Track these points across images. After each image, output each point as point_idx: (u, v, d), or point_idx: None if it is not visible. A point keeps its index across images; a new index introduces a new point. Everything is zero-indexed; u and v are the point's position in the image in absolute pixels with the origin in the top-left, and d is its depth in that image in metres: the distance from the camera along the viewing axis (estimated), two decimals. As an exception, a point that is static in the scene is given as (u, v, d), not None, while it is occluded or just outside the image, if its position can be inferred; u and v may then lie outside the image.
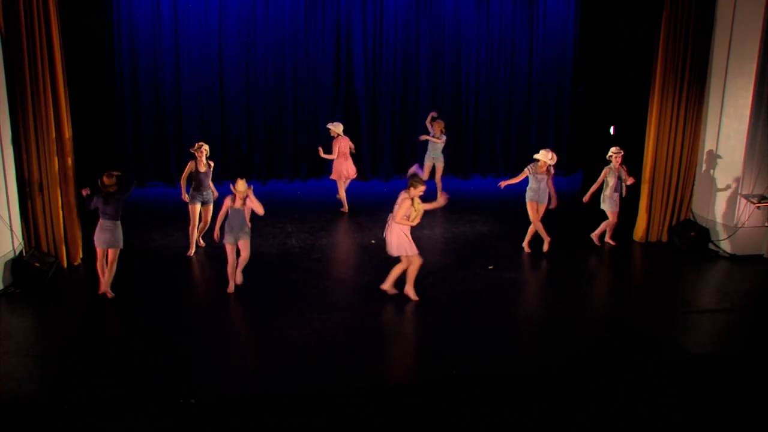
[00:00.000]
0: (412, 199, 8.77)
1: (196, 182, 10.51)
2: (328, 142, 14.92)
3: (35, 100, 9.61)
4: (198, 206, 10.54)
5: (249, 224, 9.29)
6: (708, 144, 11.56)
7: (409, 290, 9.20)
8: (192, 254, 10.63)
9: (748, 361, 8.11)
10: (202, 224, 10.80)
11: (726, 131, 11.24)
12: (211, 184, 10.68)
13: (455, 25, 15.05)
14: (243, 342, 8.41)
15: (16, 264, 9.54)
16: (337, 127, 12.81)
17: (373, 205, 13.47)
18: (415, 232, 11.97)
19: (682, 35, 11.15)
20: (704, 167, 11.64)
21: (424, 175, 13.12)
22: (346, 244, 11.21)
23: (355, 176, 13.17)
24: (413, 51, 14.99)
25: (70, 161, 10.10)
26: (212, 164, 10.68)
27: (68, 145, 10.06)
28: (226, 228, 9.17)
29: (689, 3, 11.05)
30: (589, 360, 7.99)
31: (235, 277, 9.38)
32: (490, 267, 10.14)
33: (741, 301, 9.67)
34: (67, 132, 10.05)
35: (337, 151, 12.81)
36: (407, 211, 8.79)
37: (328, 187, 14.75)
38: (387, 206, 12.14)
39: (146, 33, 13.73)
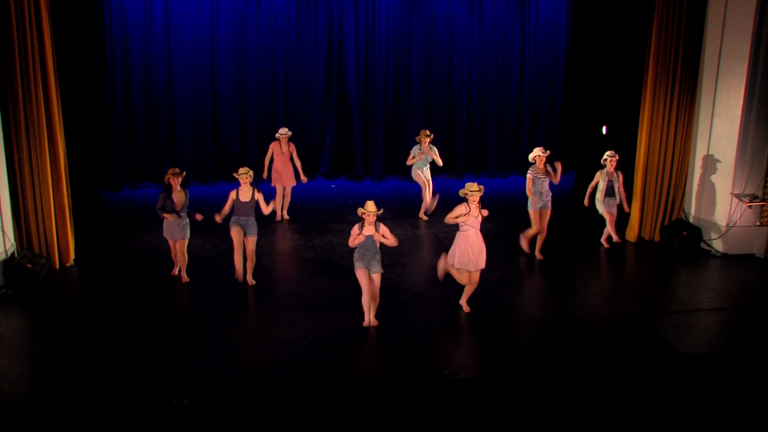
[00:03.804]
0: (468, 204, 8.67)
1: (237, 210, 9.46)
2: (320, 141, 15.01)
3: (26, 101, 9.57)
4: (239, 229, 9.42)
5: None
6: (700, 144, 11.60)
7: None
8: (242, 279, 9.70)
9: (741, 360, 8.15)
10: (248, 261, 9.65)
11: (718, 131, 11.29)
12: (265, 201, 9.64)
13: (448, 26, 15.06)
14: (241, 342, 8.38)
15: (7, 265, 9.49)
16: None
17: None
18: (410, 232, 12.03)
19: (673, 35, 11.19)
20: (696, 167, 11.69)
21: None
22: (339, 244, 11.19)
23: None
24: (406, 51, 14.99)
25: (62, 162, 10.06)
26: (258, 192, 9.55)
27: (60, 146, 10.01)
28: (356, 255, 8.53)
29: (680, 3, 11.10)
30: (583, 360, 8.01)
31: (370, 319, 8.65)
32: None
33: (733, 301, 9.70)
34: (59, 133, 10.01)
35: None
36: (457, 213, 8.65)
37: (321, 188, 14.76)
38: (378, 206, 12.12)
39: (138, 34, 13.69)
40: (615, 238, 11.22)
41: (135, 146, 14.15)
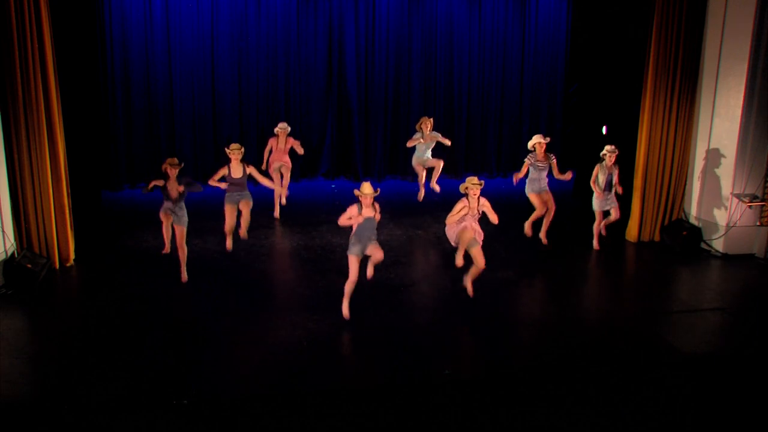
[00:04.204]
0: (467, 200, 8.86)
1: (230, 187, 9.92)
2: (320, 141, 15.01)
3: (26, 101, 9.56)
4: (234, 208, 9.86)
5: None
6: (700, 144, 11.61)
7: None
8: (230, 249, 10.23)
9: (741, 360, 8.15)
10: (243, 222, 10.18)
11: (718, 131, 11.29)
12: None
13: (448, 26, 15.06)
14: (241, 342, 8.38)
15: (7, 265, 9.48)
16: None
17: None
18: (410, 232, 12.04)
19: (673, 35, 11.19)
20: (696, 167, 11.69)
21: (421, 178, 12.90)
22: (339, 244, 11.19)
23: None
24: (405, 51, 14.99)
25: (62, 162, 10.06)
26: (249, 167, 9.83)
27: (60, 146, 10.01)
28: (353, 238, 8.46)
29: (680, 3, 11.09)
30: (583, 360, 8.01)
31: (368, 272, 8.94)
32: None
33: (733, 301, 9.71)
34: (59, 132, 10.01)
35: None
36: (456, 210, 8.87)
37: (321, 188, 14.76)
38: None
39: (138, 34, 13.69)
40: (595, 244, 11.28)
41: (135, 146, 14.15)
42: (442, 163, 12.77)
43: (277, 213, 12.58)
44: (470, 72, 15.34)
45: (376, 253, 8.56)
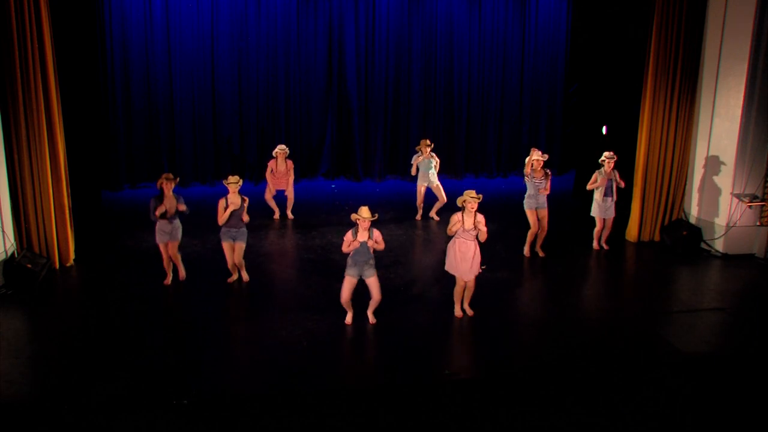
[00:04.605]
0: (463, 214, 8.65)
1: (228, 219, 9.41)
2: (320, 141, 15.01)
3: (26, 101, 9.56)
4: (231, 243, 9.49)
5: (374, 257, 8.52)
6: (700, 144, 11.60)
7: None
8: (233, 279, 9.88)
9: (741, 360, 8.14)
10: (238, 266, 9.74)
11: (717, 131, 11.29)
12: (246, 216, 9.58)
13: (448, 26, 15.06)
14: (241, 342, 8.39)
15: (7, 265, 9.48)
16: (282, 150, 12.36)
17: (364, 205, 13.43)
18: (410, 232, 12.04)
19: (673, 35, 11.19)
20: (696, 167, 11.68)
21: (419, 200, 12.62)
22: (339, 244, 11.18)
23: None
24: (406, 51, 14.99)
25: (62, 162, 10.06)
26: (247, 200, 9.51)
27: (60, 146, 10.01)
28: (350, 261, 8.47)
29: (680, 3, 11.09)
30: (583, 360, 8.01)
31: (369, 317, 8.70)
32: (482, 267, 10.13)
33: (733, 301, 9.70)
34: (59, 133, 10.01)
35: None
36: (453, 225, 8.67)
37: (321, 188, 14.75)
38: (378, 206, 12.15)
39: (138, 34, 13.69)
40: (595, 245, 11.31)
41: (135, 146, 14.15)
42: (444, 200, 12.58)
43: (276, 214, 12.57)
44: (470, 72, 15.34)
45: (374, 292, 8.51)
